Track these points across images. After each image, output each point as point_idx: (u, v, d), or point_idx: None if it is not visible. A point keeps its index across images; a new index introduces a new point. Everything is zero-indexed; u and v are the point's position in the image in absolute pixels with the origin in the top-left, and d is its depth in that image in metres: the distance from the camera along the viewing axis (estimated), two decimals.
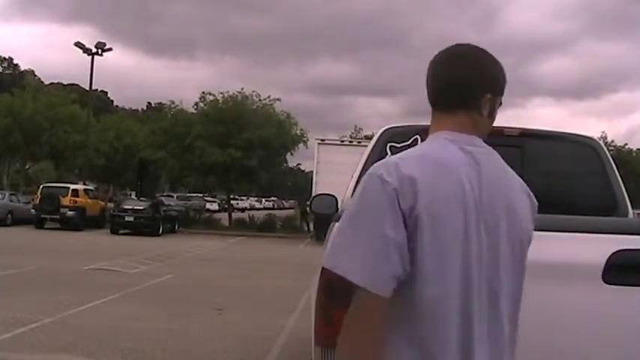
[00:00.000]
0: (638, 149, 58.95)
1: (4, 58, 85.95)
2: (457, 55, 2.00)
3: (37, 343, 8.16)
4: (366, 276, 1.76)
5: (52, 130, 42.82)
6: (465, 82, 1.95)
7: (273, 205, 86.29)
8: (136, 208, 31.79)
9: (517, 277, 1.92)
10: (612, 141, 55.54)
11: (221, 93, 37.63)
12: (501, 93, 2.01)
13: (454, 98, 1.96)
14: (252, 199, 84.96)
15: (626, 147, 57.63)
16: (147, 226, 30.95)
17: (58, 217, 31.61)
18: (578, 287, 2.89)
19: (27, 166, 51.88)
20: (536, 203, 2.02)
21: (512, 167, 2.01)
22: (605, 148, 5.40)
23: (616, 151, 50.11)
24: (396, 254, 1.77)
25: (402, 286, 1.81)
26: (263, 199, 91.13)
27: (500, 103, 2.03)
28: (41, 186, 33.96)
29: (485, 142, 1.98)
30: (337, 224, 1.90)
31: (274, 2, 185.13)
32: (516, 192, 1.95)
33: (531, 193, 2.01)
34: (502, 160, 1.98)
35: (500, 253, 1.85)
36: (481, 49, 2.03)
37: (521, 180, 2.01)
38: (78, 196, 32.63)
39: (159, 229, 31.34)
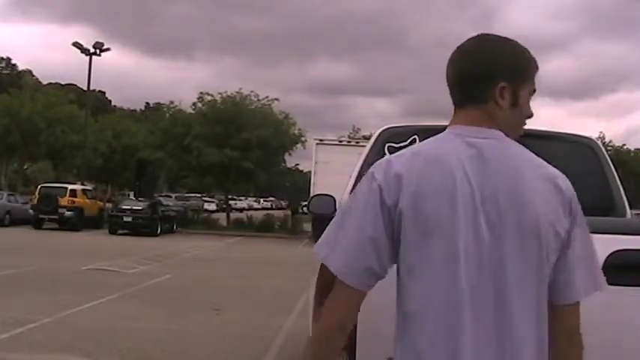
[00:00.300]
0: (636, 149, 59.06)
1: (2, 58, 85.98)
2: (466, 50, 1.96)
3: (36, 343, 8.16)
4: (342, 267, 1.84)
5: (50, 130, 42.74)
6: (472, 76, 1.92)
7: (272, 205, 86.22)
8: (134, 208, 31.83)
9: (532, 274, 1.79)
10: (610, 141, 55.67)
11: (219, 93, 37.70)
12: (524, 79, 1.92)
13: (464, 93, 1.94)
14: (250, 199, 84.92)
15: (625, 147, 57.79)
16: (145, 226, 30.99)
17: (56, 217, 31.64)
18: None
19: (25, 167, 51.78)
20: (569, 195, 1.86)
21: None
22: (603, 149, 5.40)
23: (614, 152, 50.19)
24: (372, 250, 1.82)
25: (397, 283, 1.87)
26: (261, 200, 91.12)
27: (534, 90, 1.95)
28: (39, 186, 33.97)
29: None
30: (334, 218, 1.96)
31: (273, 2, 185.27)
32: (532, 183, 1.82)
33: (563, 185, 1.86)
34: (522, 150, 1.90)
35: (506, 248, 1.77)
36: (494, 37, 1.98)
37: (550, 171, 1.88)
38: (76, 197, 32.65)
39: (157, 230, 31.35)
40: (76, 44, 38.97)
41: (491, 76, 1.89)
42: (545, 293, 1.82)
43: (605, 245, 2.91)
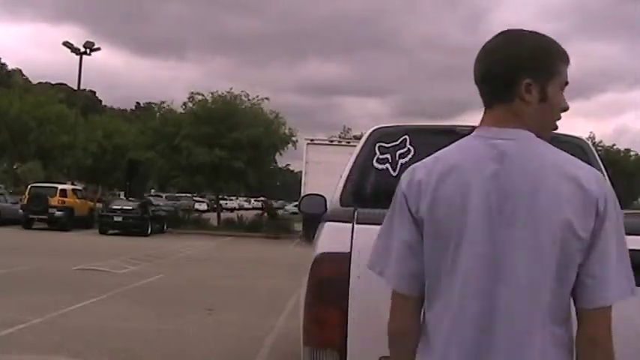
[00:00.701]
0: (626, 149, 59.26)
1: None
2: (490, 48, 1.94)
3: (25, 344, 8.13)
4: (391, 276, 1.92)
5: (40, 130, 42.62)
6: (497, 74, 1.89)
7: (262, 205, 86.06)
8: (124, 208, 31.77)
9: (546, 278, 1.75)
10: (601, 141, 55.92)
11: (210, 93, 37.64)
12: (552, 73, 1.88)
13: (491, 92, 1.92)
14: (241, 199, 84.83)
15: (614, 147, 57.95)
16: (135, 226, 30.91)
17: (46, 217, 31.50)
18: None
19: (15, 166, 51.59)
20: (596, 194, 1.77)
21: None
22: (593, 148, 5.41)
23: (604, 152, 50.35)
24: (409, 254, 1.88)
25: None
26: (252, 199, 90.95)
27: (566, 83, 1.92)
28: (29, 186, 33.81)
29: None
30: None
31: (264, 2, 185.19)
32: (551, 183, 1.77)
33: (588, 184, 1.77)
34: (548, 150, 1.85)
35: (518, 251, 1.76)
36: (519, 33, 1.95)
37: (575, 170, 1.81)
38: (66, 196, 32.51)
39: (147, 229, 31.28)
40: (66, 44, 38.87)
41: (515, 73, 1.87)
42: (563, 296, 1.79)
43: None
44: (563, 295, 1.79)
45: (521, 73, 1.86)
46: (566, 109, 1.95)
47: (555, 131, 2.01)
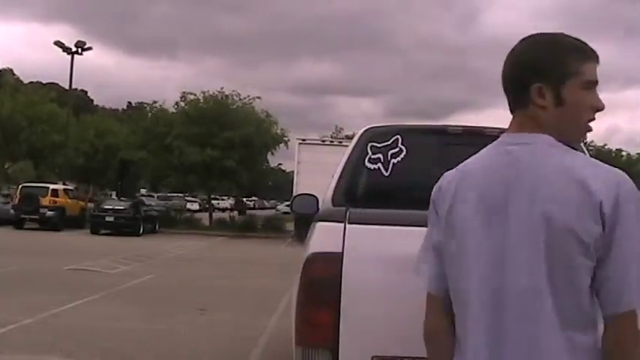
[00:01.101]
0: (617, 149, 59.48)
1: None
2: (509, 54, 1.94)
3: (18, 344, 8.11)
4: (424, 276, 2.02)
5: (31, 129, 42.44)
6: (511, 80, 1.91)
7: (254, 205, 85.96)
8: (116, 208, 31.71)
9: (552, 279, 1.74)
10: (592, 141, 56.01)
11: (202, 92, 37.56)
12: (565, 75, 1.83)
13: (510, 99, 1.94)
14: (232, 199, 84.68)
15: (606, 147, 58.17)
16: (127, 226, 30.83)
17: (37, 217, 31.38)
18: None
19: (6, 166, 51.36)
20: (600, 197, 1.71)
21: None
22: (584, 148, 5.43)
23: (595, 151, 50.52)
24: (437, 256, 1.96)
25: None
26: (244, 199, 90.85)
27: (593, 82, 1.87)
28: (20, 186, 33.67)
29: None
30: None
31: (257, 2, 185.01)
32: (556, 187, 1.75)
33: (594, 187, 1.73)
34: (561, 154, 1.83)
35: (522, 255, 1.77)
36: (535, 37, 1.93)
37: (584, 172, 1.76)
38: (58, 196, 32.42)
39: (139, 229, 31.21)
40: (57, 43, 38.75)
41: (526, 77, 1.86)
42: (578, 301, 1.76)
43: None
44: (577, 300, 1.76)
45: (530, 78, 1.85)
46: (600, 108, 1.91)
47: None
